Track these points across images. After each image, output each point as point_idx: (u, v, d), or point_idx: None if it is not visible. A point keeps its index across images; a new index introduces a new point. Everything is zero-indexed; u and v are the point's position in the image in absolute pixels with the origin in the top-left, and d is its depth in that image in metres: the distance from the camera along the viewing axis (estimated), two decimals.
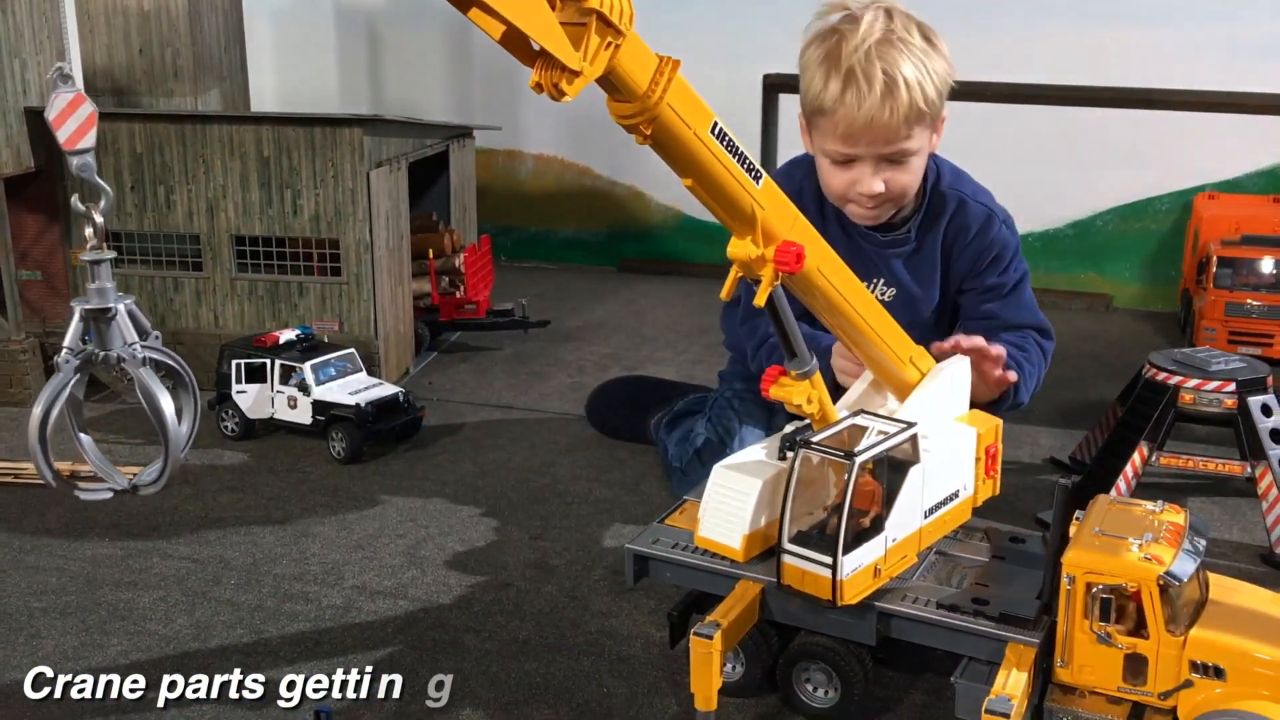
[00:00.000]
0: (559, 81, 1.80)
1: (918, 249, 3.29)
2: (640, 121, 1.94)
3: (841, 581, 2.38)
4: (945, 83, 3.10)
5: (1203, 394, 3.44)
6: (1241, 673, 2.25)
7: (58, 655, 2.89)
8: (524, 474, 3.99)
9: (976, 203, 3.31)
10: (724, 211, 2.19)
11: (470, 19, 1.76)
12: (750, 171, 2.14)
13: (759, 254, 2.23)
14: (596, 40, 1.78)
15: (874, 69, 2.93)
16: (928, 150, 3.17)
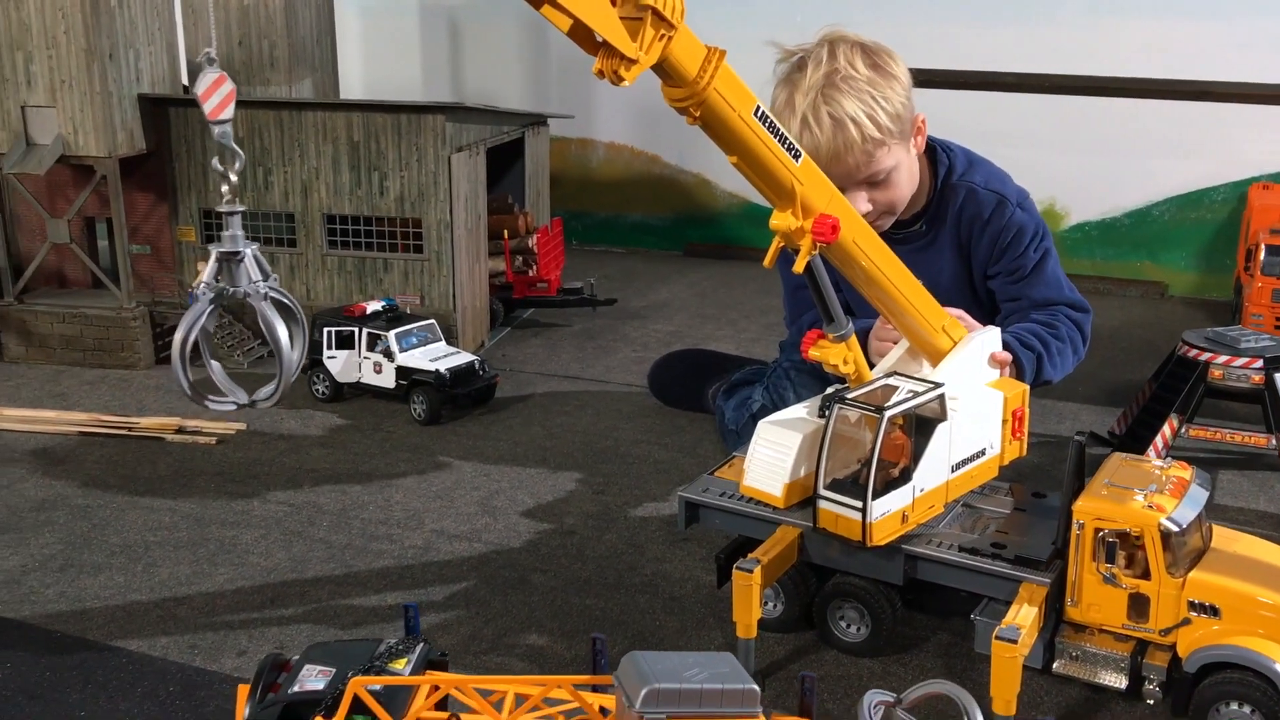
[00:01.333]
0: (618, 69, 2.08)
1: (932, 241, 3.48)
2: (690, 104, 2.21)
3: (870, 524, 2.64)
4: (899, 102, 3.19)
5: (1231, 369, 3.62)
6: (1236, 611, 2.46)
7: (172, 581, 3.25)
8: (589, 437, 4.29)
9: (986, 190, 3.44)
10: (766, 186, 2.45)
11: (542, 14, 2.05)
12: (790, 150, 2.40)
13: (798, 225, 2.49)
14: (651, 33, 2.06)
15: (820, 113, 3.09)
16: (907, 161, 3.29)
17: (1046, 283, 3.45)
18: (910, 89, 3.24)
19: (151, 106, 5.05)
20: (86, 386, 4.83)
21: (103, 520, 3.62)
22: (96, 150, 4.84)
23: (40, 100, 4.81)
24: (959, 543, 2.74)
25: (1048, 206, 6.51)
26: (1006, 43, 6.34)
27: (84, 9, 4.68)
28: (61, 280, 5.36)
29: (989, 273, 3.50)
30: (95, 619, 3.04)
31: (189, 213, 5.19)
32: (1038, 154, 6.46)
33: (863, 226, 2.67)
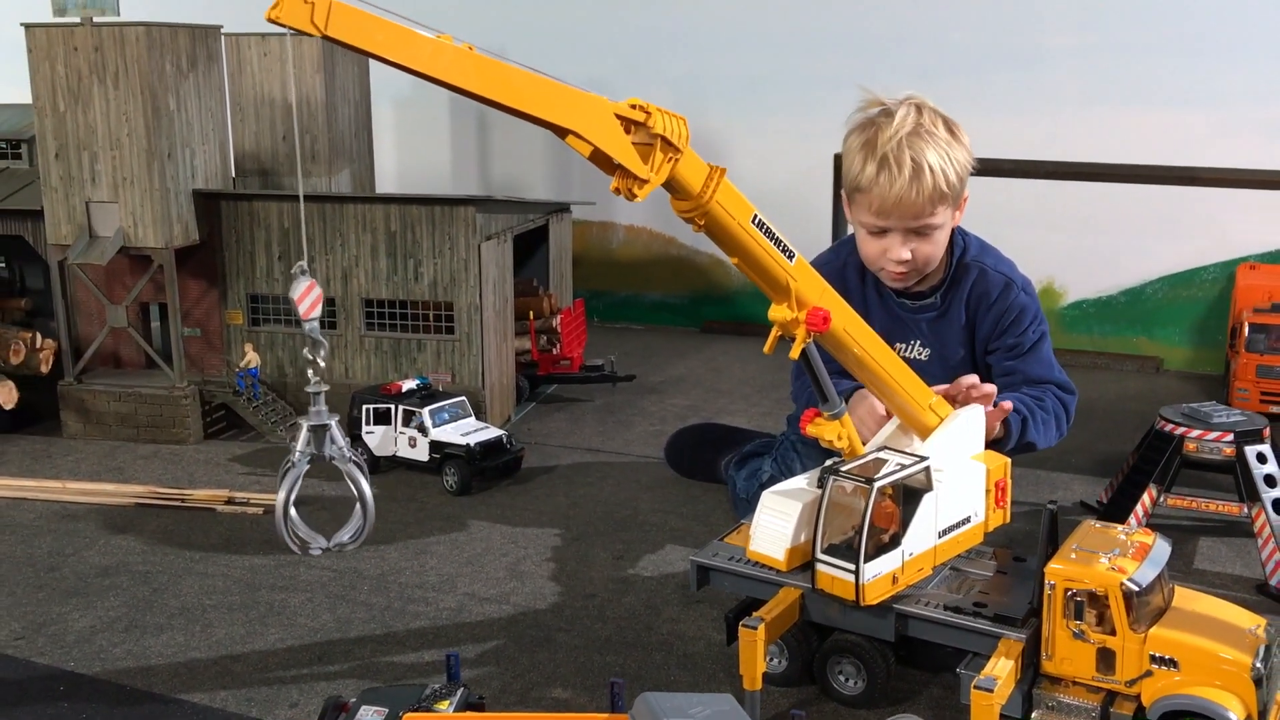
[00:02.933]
0: (632, 187, 2.42)
1: (944, 313, 3.80)
2: (695, 215, 2.55)
3: (863, 585, 2.93)
4: (965, 168, 3.60)
5: (1205, 443, 3.90)
6: (1193, 664, 2.73)
7: (228, 640, 3.55)
8: (609, 507, 4.59)
9: (996, 272, 3.78)
10: (764, 282, 2.78)
11: (567, 143, 2.40)
12: (785, 252, 2.74)
13: (793, 316, 2.81)
14: (660, 157, 2.41)
15: (904, 156, 3.45)
16: (950, 225, 3.67)
17: (1040, 362, 3.76)
18: (970, 164, 3.61)
19: (204, 200, 5.45)
20: (141, 460, 5.18)
21: (162, 584, 3.94)
22: (154, 242, 5.24)
23: (103, 196, 5.23)
24: (945, 602, 3.02)
25: (1047, 285, 6.83)
26: (1007, 132, 6.69)
27: (145, 113, 5.11)
28: (117, 361, 5.74)
29: (989, 348, 3.80)
30: (160, 674, 3.35)
31: (237, 298, 5.57)
32: (1037, 235, 6.81)
33: (852, 316, 2.99)
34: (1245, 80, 6.26)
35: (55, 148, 5.22)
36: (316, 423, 2.80)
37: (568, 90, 2.30)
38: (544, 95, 2.27)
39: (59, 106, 5.17)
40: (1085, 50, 6.56)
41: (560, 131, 2.36)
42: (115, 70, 5.09)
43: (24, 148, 5.88)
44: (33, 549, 4.23)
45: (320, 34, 2.01)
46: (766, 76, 7.19)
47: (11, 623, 3.67)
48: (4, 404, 5.41)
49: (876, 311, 3.79)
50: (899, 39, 6.89)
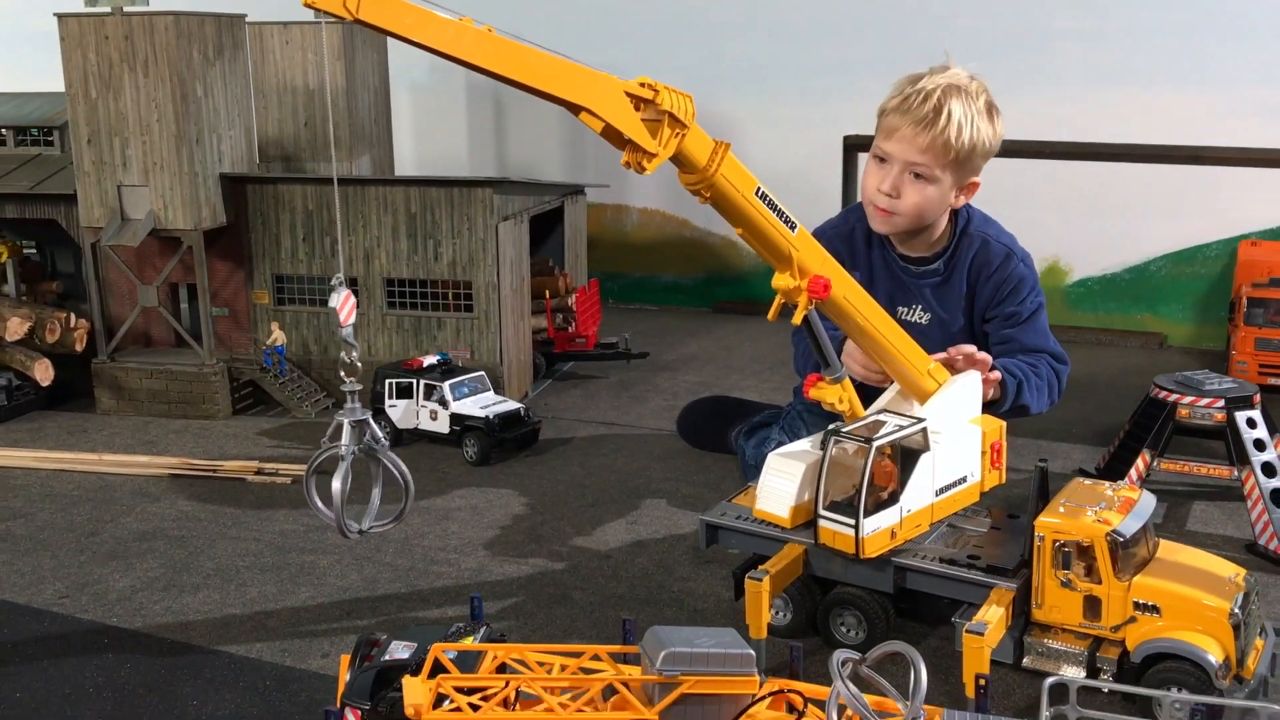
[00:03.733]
0: (641, 160, 2.58)
1: (946, 280, 3.93)
2: (701, 187, 2.70)
3: (863, 539, 3.09)
4: (985, 145, 3.71)
5: (1197, 409, 4.05)
6: (1174, 610, 2.89)
7: (261, 598, 3.75)
8: (623, 475, 4.76)
9: (998, 243, 3.90)
10: (768, 252, 2.94)
11: (580, 119, 2.55)
12: (787, 223, 2.89)
13: (796, 284, 2.97)
14: (668, 132, 2.56)
15: (934, 95, 3.59)
16: (948, 195, 3.75)
17: (1037, 332, 3.88)
18: (992, 154, 3.76)
19: (231, 184, 5.64)
20: (172, 435, 5.38)
21: (197, 548, 4.13)
22: (184, 224, 5.43)
23: (135, 180, 5.42)
24: (940, 555, 3.18)
25: (1053, 263, 6.96)
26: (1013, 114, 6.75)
27: (174, 99, 5.30)
28: (148, 340, 5.94)
29: (987, 316, 3.93)
30: (198, 629, 3.54)
31: (263, 278, 5.76)
32: (1043, 215, 6.93)
33: (852, 284, 3.14)
34: (1247, 62, 6.36)
35: (88, 133, 5.41)
36: (357, 418, 2.96)
37: (581, 69, 2.46)
38: (559, 74, 2.43)
39: (91, 93, 5.36)
40: (1090, 34, 6.67)
41: (574, 108, 2.52)
42: (145, 58, 5.27)
43: (56, 135, 6.09)
44: (73, 516, 4.44)
45: (352, 18, 2.18)
46: (775, 64, 7.33)
47: (55, 583, 3.87)
48: (41, 381, 5.61)
49: (881, 274, 3.93)
50: (906, 25, 7.01)
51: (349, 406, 3.02)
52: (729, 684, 2.22)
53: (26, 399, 5.68)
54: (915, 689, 2.07)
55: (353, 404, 3.01)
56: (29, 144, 6.14)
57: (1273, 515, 3.86)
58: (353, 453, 3.03)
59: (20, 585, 3.86)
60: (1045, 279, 6.98)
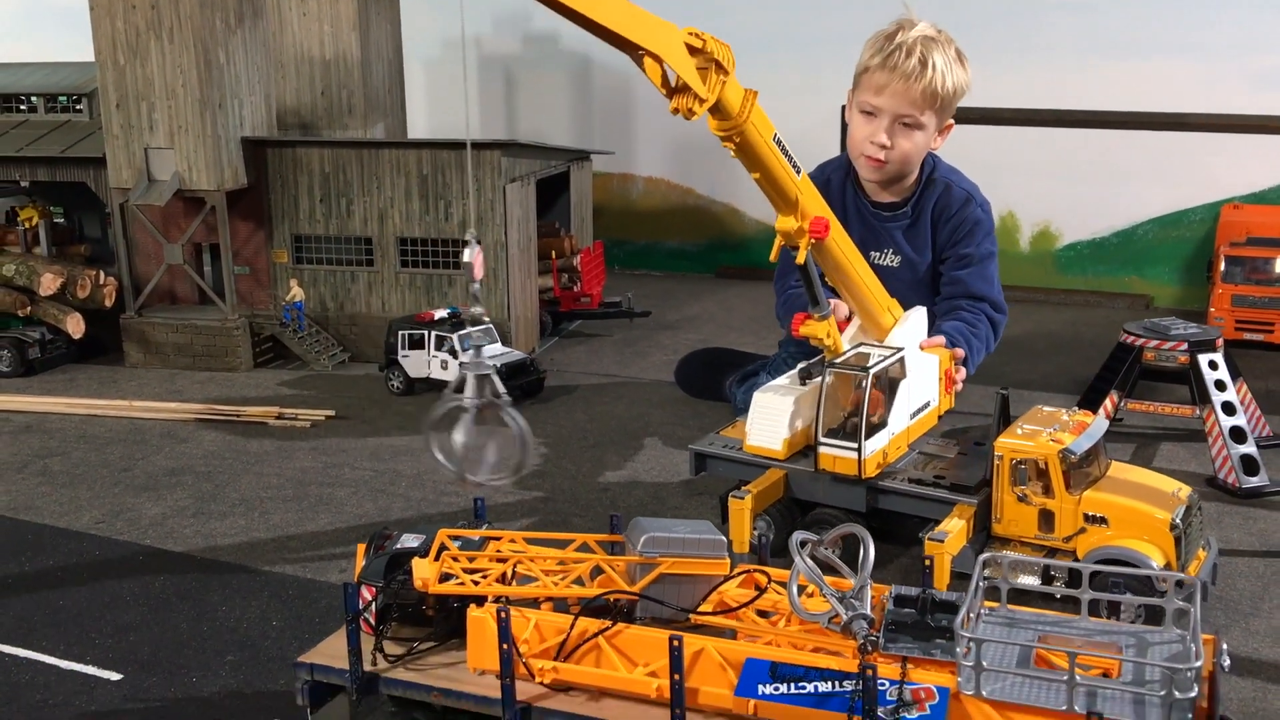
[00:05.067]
0: (692, 106, 2.72)
1: (914, 223, 4.19)
2: (733, 133, 2.89)
3: (864, 461, 3.35)
4: (961, 88, 4.03)
5: (1162, 352, 4.29)
6: (1120, 521, 3.14)
7: (284, 524, 4.03)
8: (623, 420, 5.03)
9: (960, 188, 4.17)
10: (777, 196, 3.15)
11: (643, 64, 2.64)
12: (795, 169, 3.13)
13: (799, 225, 3.20)
14: (715, 78, 2.76)
15: (916, 49, 3.90)
16: (930, 137, 4.04)
17: (984, 278, 4.15)
18: (964, 96, 4.06)
19: (252, 147, 5.91)
20: (197, 385, 5.67)
21: (223, 482, 4.42)
22: (207, 185, 5.70)
23: (160, 143, 5.70)
24: (909, 476, 3.44)
25: (1044, 228, 7.19)
26: (1007, 83, 7.01)
27: (198, 66, 5.57)
28: (173, 297, 6.23)
29: (943, 255, 4.20)
30: (226, 550, 3.83)
31: (282, 238, 6.04)
32: (1035, 181, 7.16)
33: (839, 227, 3.40)
34: (1231, 31, 6.56)
35: (116, 99, 5.69)
36: (481, 372, 2.92)
37: (649, 15, 2.59)
38: (632, 17, 2.54)
39: (119, 60, 5.64)
40: (1080, 4, 6.88)
41: (637, 52, 2.61)
42: (170, 26, 5.54)
43: (84, 102, 6.37)
44: (106, 455, 4.73)
45: None
46: (773, 36, 7.55)
47: (93, 510, 4.17)
48: (73, 334, 5.91)
49: (854, 221, 4.19)
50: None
51: (474, 360, 3.01)
52: (702, 565, 2.48)
53: (59, 352, 5.98)
54: (864, 562, 2.32)
55: (479, 357, 2.99)
56: (59, 111, 6.43)
57: (1231, 451, 4.10)
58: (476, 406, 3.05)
59: (60, 512, 4.15)
60: (1037, 243, 7.26)
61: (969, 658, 2.04)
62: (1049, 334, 6.32)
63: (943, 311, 4.05)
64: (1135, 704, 1.98)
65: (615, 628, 2.32)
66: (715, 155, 8.38)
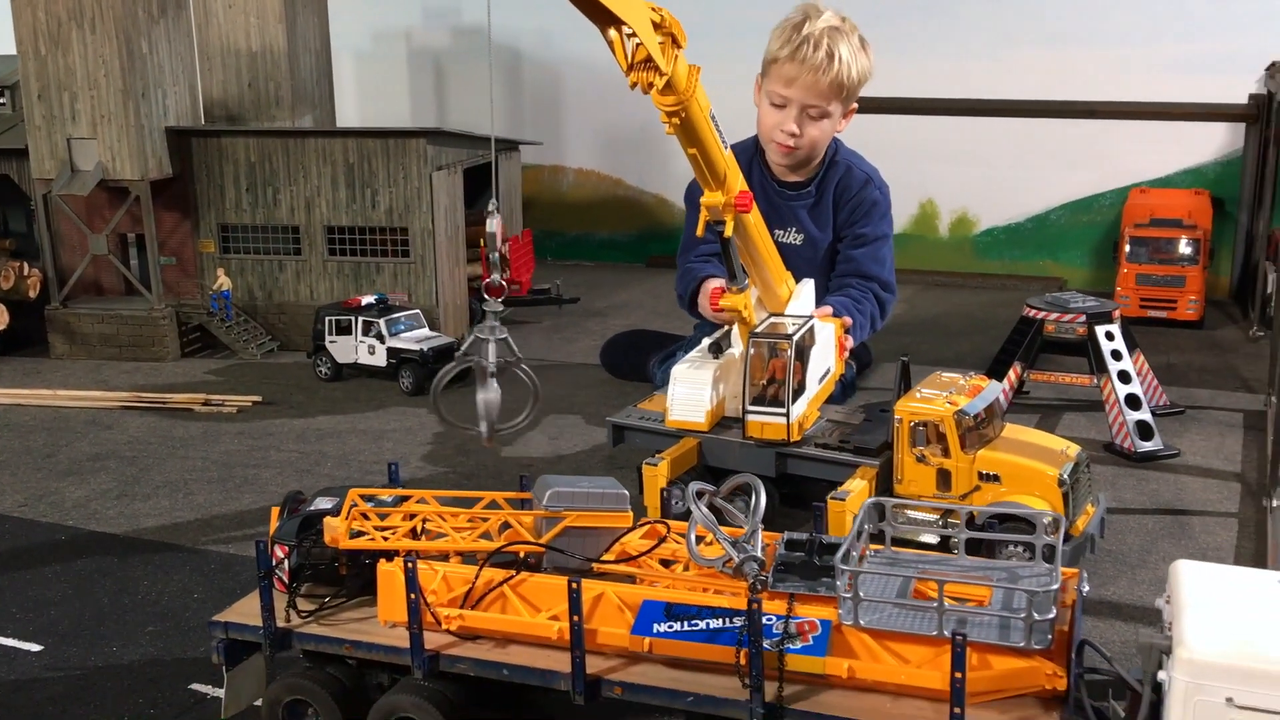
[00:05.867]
0: (652, 79, 2.74)
1: (817, 202, 4.35)
2: (680, 109, 2.92)
3: (792, 425, 3.47)
4: (865, 75, 4.19)
5: (1062, 324, 4.47)
6: (1012, 478, 3.29)
7: (208, 504, 4.08)
8: (550, 401, 5.10)
9: (860, 170, 4.35)
10: (708, 171, 3.21)
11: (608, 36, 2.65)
12: (725, 144, 3.23)
13: (726, 200, 3.30)
14: (673, 52, 2.84)
15: (823, 41, 4.04)
16: (836, 124, 4.21)
17: (876, 259, 4.32)
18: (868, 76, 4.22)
19: (176, 137, 5.92)
20: (124, 375, 5.67)
21: (147, 465, 4.45)
22: (131, 174, 5.71)
23: (83, 133, 5.69)
24: (815, 441, 3.58)
25: (961, 215, 7.40)
26: (922, 73, 7.22)
27: (120, 55, 5.57)
28: (99, 289, 6.21)
29: (840, 234, 4.36)
30: (149, 530, 3.87)
31: (209, 228, 6.05)
32: (953, 169, 7.37)
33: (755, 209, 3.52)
34: (1137, 21, 6.80)
35: (38, 89, 5.67)
36: (498, 337, 3.09)
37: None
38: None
39: (40, 50, 5.62)
40: None
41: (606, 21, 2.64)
42: (91, 16, 5.54)
43: (7, 94, 6.33)
44: (30, 442, 4.73)
45: None
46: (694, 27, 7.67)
47: (14, 495, 4.18)
48: None
49: (760, 199, 4.30)
50: None
51: (490, 325, 3.12)
52: (606, 519, 2.58)
53: None
54: (755, 509, 2.44)
55: (494, 321, 3.10)
56: None
57: (1127, 417, 4.29)
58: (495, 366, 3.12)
59: None
60: (955, 229, 7.46)
61: (848, 590, 2.16)
62: (966, 315, 6.51)
63: (834, 289, 4.22)
64: (1001, 627, 2.12)
65: (519, 576, 2.42)
66: (645, 146, 8.58)
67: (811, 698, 2.18)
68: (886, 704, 2.16)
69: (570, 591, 2.27)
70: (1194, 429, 4.57)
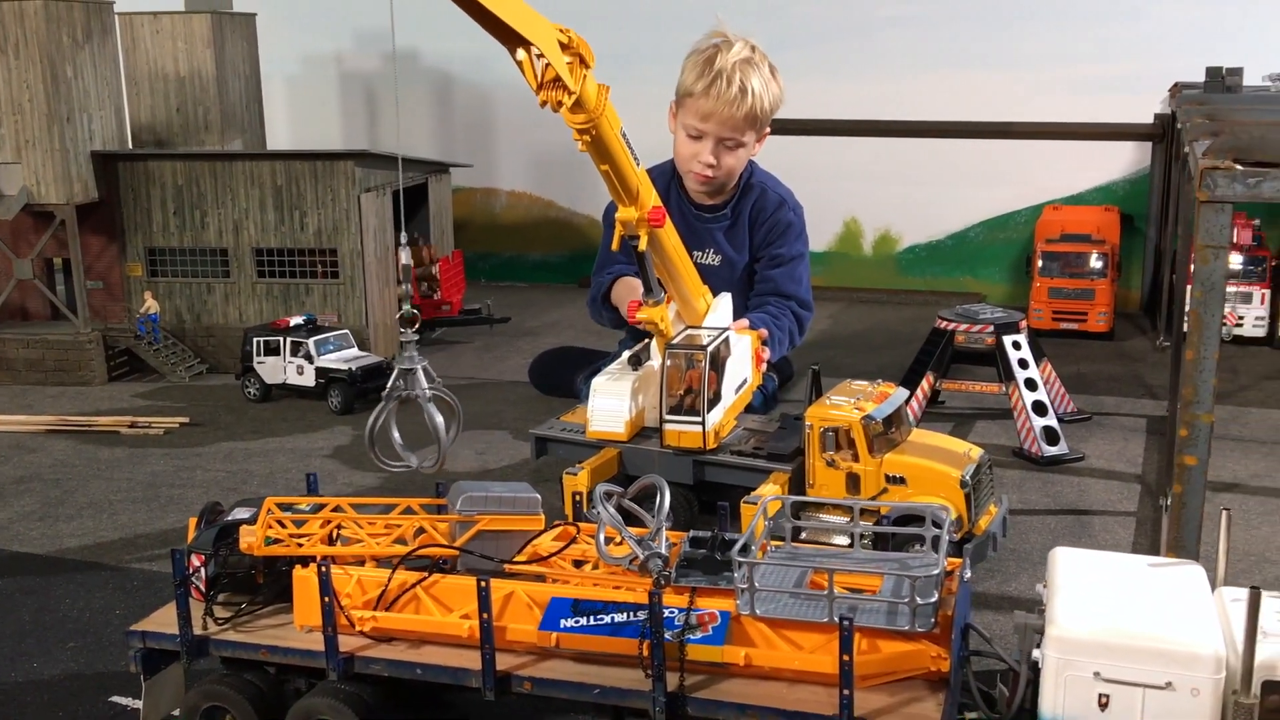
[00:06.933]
0: (561, 98, 2.86)
1: (734, 224, 4.48)
2: (590, 127, 3.03)
3: (707, 433, 3.57)
4: (777, 104, 4.35)
5: (971, 334, 4.63)
6: (917, 480, 3.42)
7: (132, 525, 4.09)
8: (478, 417, 5.18)
9: (774, 192, 4.49)
10: (621, 188, 3.31)
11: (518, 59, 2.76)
12: (636, 161, 3.34)
13: (640, 215, 3.41)
14: (581, 71, 2.94)
15: (735, 76, 4.18)
16: (751, 150, 4.36)
17: (793, 278, 4.46)
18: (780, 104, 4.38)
19: (102, 161, 5.92)
20: (50, 399, 5.64)
21: (72, 487, 4.44)
22: (56, 199, 5.70)
23: (7, 157, 5.67)
24: (731, 449, 3.68)
25: (884, 233, 7.59)
26: (845, 95, 7.43)
27: (45, 80, 5.57)
28: (24, 314, 6.17)
29: (757, 255, 4.50)
30: (72, 550, 3.87)
31: (136, 251, 6.05)
32: (875, 189, 7.57)
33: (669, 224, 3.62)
34: (1049, 45, 7.05)
35: None
36: (405, 366, 3.02)
37: (531, 10, 2.72)
38: (519, 10, 2.67)
39: None
40: (911, 19, 7.30)
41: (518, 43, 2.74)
42: (16, 41, 5.54)
43: None
44: None
45: None
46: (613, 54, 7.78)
47: None
48: None
49: (678, 222, 4.43)
50: (746, 12, 7.55)
51: (409, 355, 3.06)
52: (518, 522, 2.67)
53: None
54: (659, 508, 2.54)
55: (410, 352, 3.05)
56: None
57: (1034, 423, 4.45)
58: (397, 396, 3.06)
59: None
60: (879, 247, 7.66)
61: (745, 582, 2.26)
62: (888, 329, 6.68)
63: (753, 307, 4.35)
64: (889, 613, 2.23)
65: (432, 578, 2.49)
66: (576, 169, 8.69)
67: (712, 686, 2.27)
68: (783, 690, 2.25)
69: (480, 590, 2.35)
70: (1099, 434, 4.76)
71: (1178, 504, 2.70)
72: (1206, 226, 2.74)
